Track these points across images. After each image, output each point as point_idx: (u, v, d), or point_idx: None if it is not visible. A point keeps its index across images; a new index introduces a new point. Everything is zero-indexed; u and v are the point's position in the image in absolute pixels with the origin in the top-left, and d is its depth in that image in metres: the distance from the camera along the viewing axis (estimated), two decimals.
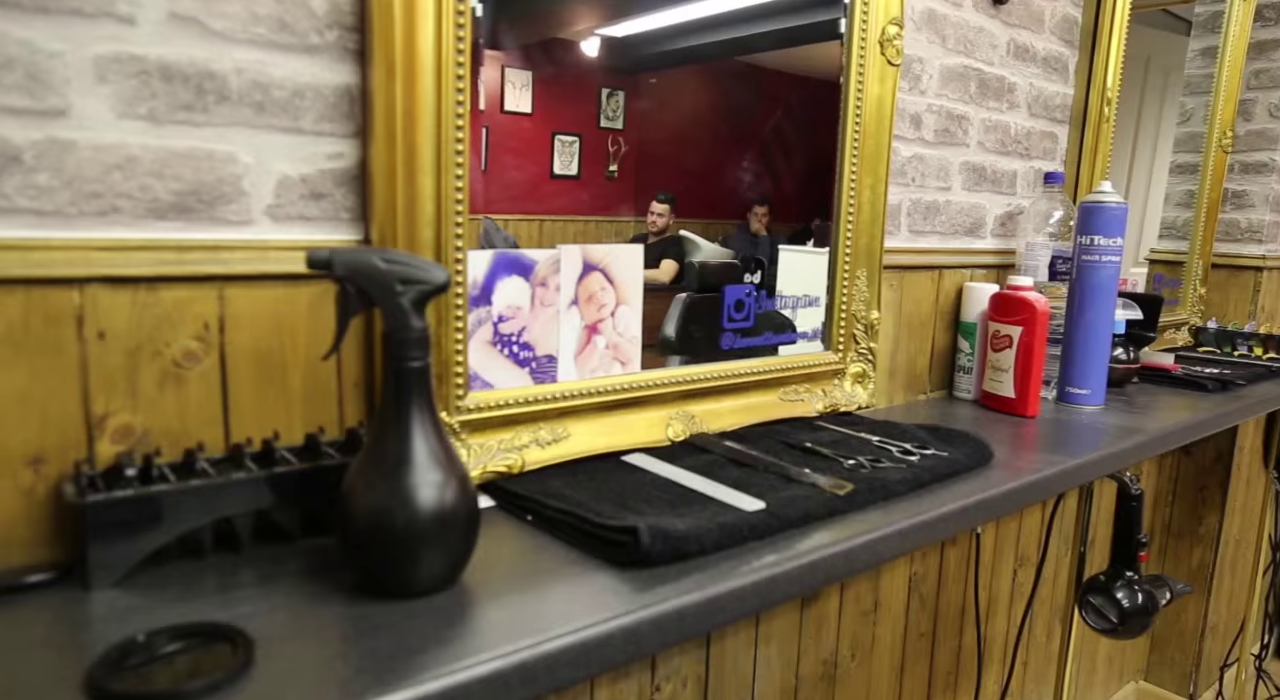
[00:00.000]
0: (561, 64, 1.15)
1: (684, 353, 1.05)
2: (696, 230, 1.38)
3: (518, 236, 1.16)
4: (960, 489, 0.90)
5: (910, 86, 1.24)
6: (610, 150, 1.17)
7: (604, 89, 1.16)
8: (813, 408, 1.11)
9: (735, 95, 1.19)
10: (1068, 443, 1.14)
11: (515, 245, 1.40)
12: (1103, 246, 1.32)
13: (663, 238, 1.26)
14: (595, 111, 1.17)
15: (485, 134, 1.10)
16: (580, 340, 0.88)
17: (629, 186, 1.23)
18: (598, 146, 1.16)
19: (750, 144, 1.11)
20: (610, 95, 1.16)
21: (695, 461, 0.89)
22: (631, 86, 1.15)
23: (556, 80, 1.14)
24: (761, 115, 1.14)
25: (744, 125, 1.10)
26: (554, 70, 1.13)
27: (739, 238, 1.16)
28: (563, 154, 1.15)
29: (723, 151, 1.18)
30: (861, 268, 1.15)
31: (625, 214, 1.27)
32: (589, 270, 0.88)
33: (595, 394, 0.90)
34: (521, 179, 1.15)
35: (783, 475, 0.86)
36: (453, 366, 0.78)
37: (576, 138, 1.15)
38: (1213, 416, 1.36)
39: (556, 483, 0.81)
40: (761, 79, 1.14)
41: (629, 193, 1.24)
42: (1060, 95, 1.53)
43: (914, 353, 1.33)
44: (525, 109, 1.10)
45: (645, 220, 1.26)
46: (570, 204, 1.17)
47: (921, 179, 1.29)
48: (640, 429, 0.94)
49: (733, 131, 1.16)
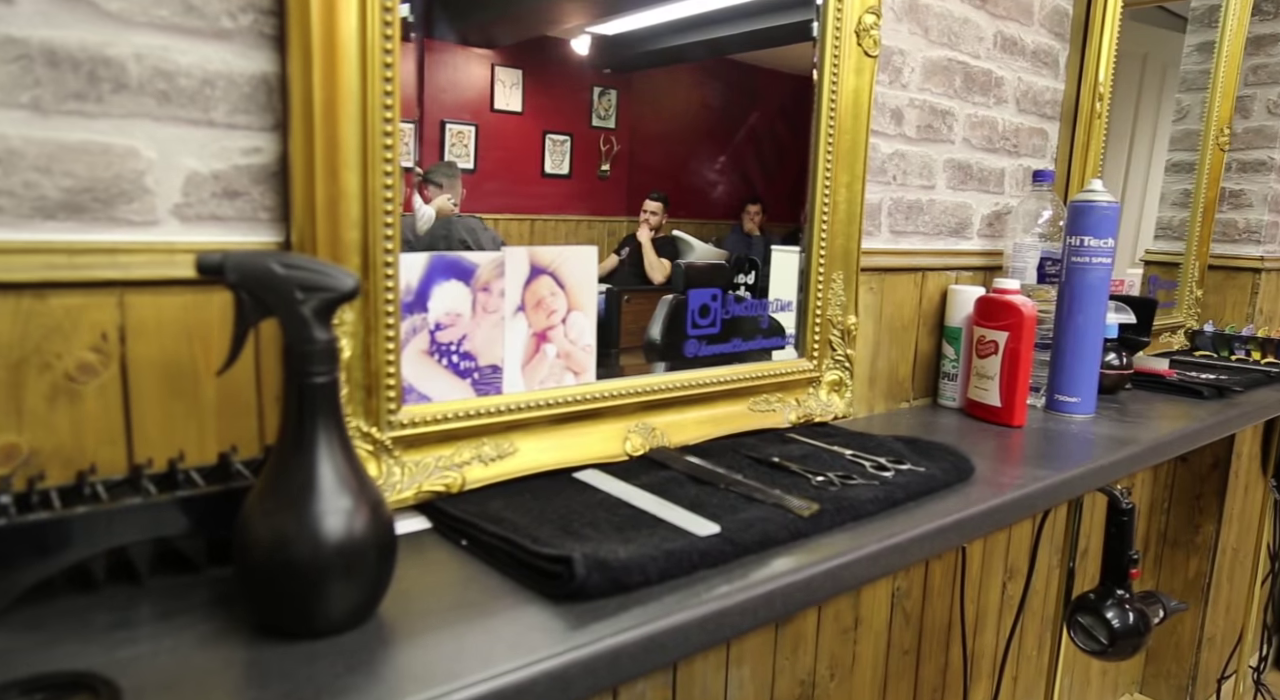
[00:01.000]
0: (552, 62, 1.14)
1: (668, 358, 0.99)
2: (690, 230, 1.34)
3: (507, 236, 1.14)
4: (936, 507, 0.84)
5: (891, 80, 1.18)
6: (602, 149, 1.16)
7: (595, 88, 1.15)
8: (785, 418, 1.05)
9: (729, 94, 1.17)
10: (1055, 455, 1.09)
11: (502, 245, 1.35)
12: (1093, 247, 1.26)
13: (656, 238, 1.25)
14: (587, 110, 1.16)
15: (475, 133, 1.12)
16: (528, 349, 0.83)
17: (621, 186, 1.23)
18: (589, 145, 1.16)
19: (744, 143, 1.07)
20: (602, 94, 1.15)
21: (652, 479, 0.83)
22: (624, 85, 1.13)
23: (547, 79, 1.14)
24: (756, 114, 1.11)
25: (738, 124, 1.08)
26: (544, 69, 1.12)
27: (733, 238, 1.14)
28: (554, 153, 1.15)
29: (716, 150, 1.17)
30: (838, 270, 1.09)
31: (618, 214, 1.28)
32: (537, 274, 0.82)
33: (545, 406, 0.84)
34: (511, 178, 1.15)
35: (744, 494, 0.80)
36: (384, 378, 0.72)
37: (568, 137, 1.14)
38: (1208, 425, 1.30)
39: (497, 503, 0.75)
40: (755, 77, 1.11)
41: (621, 192, 1.24)
42: (1050, 90, 1.48)
43: (895, 359, 1.27)
44: (515, 108, 1.10)
45: (638, 220, 1.27)
46: (561, 203, 1.17)
47: (903, 177, 1.23)
48: (595, 443, 0.88)
49: (727, 130, 1.14)
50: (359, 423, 0.72)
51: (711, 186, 1.21)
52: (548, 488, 0.80)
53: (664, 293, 1.03)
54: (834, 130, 1.04)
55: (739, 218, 1.14)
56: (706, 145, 1.19)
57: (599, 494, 0.79)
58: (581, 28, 1.16)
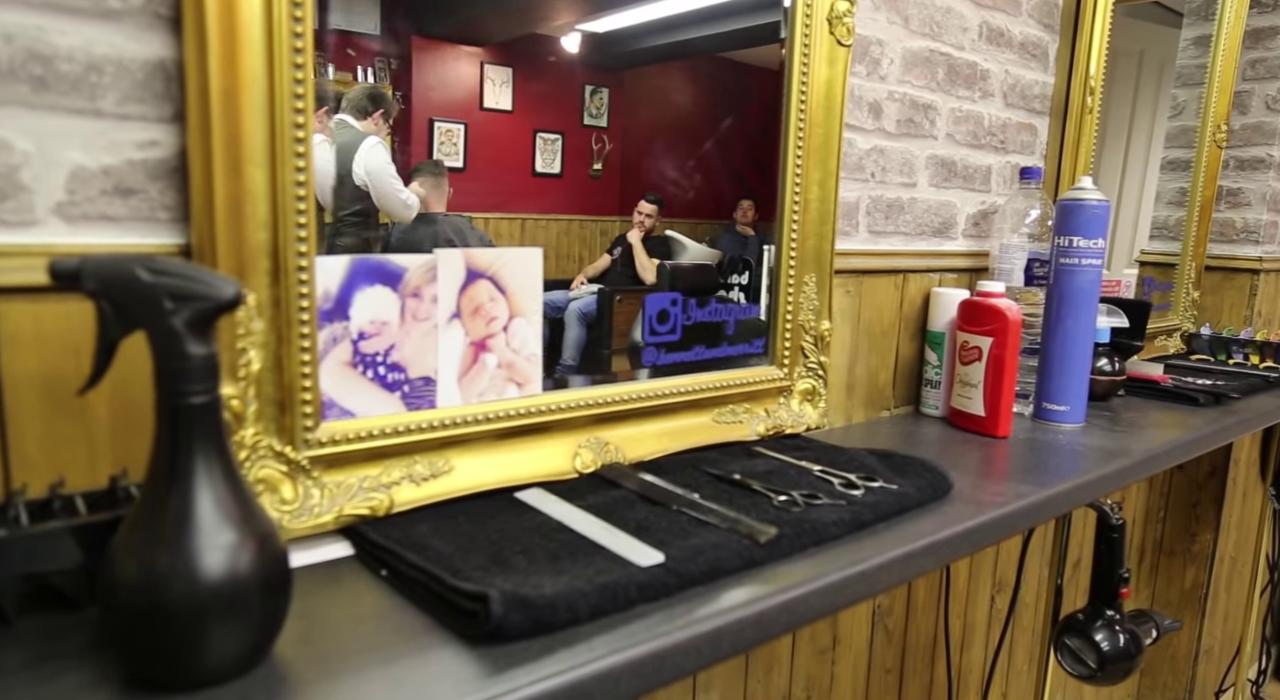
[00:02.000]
0: (542, 60, 1.12)
1: (649, 362, 0.94)
2: (684, 230, 1.30)
3: (497, 236, 1.12)
4: (909, 529, 0.78)
5: (868, 71, 1.12)
6: (594, 148, 1.15)
7: (587, 86, 1.13)
8: (753, 430, 0.99)
9: (722, 92, 1.14)
10: (1041, 468, 1.02)
11: (492, 246, 1.30)
12: (1082, 248, 1.20)
13: (649, 238, 1.22)
14: (578, 109, 1.14)
15: (464, 131, 1.10)
16: (465, 359, 0.76)
17: (613, 185, 1.22)
18: (581, 144, 1.14)
19: (738, 142, 1.03)
20: (594, 92, 1.14)
21: (600, 499, 0.77)
22: (615, 84, 1.12)
23: (537, 77, 1.12)
24: (750, 112, 1.07)
25: (732, 123, 1.05)
26: (534, 66, 1.11)
27: (727, 238, 1.10)
28: (545, 152, 1.14)
29: (710, 150, 1.14)
30: (810, 272, 1.02)
31: (610, 213, 1.26)
32: (474, 278, 0.76)
33: (484, 421, 0.77)
34: (501, 177, 1.13)
35: (697, 517, 0.74)
36: (299, 393, 0.66)
37: (559, 135, 1.13)
38: (1203, 435, 1.24)
39: (425, 528, 0.69)
40: (749, 75, 1.07)
41: (613, 192, 1.23)
42: (1039, 84, 1.41)
43: (875, 366, 1.21)
44: (505, 106, 1.09)
45: (631, 220, 1.24)
46: (553, 203, 1.16)
47: (882, 174, 1.17)
48: (542, 460, 0.82)
49: (720, 129, 1.11)
50: (271, 441, 0.66)
51: (705, 186, 1.19)
52: (485, 510, 0.74)
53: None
54: (804, 124, 0.98)
55: (733, 217, 1.11)
56: (700, 144, 1.17)
57: (539, 516, 0.73)
58: (571, 25, 1.15)
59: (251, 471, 0.65)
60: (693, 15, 1.13)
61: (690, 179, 1.23)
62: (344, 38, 1.24)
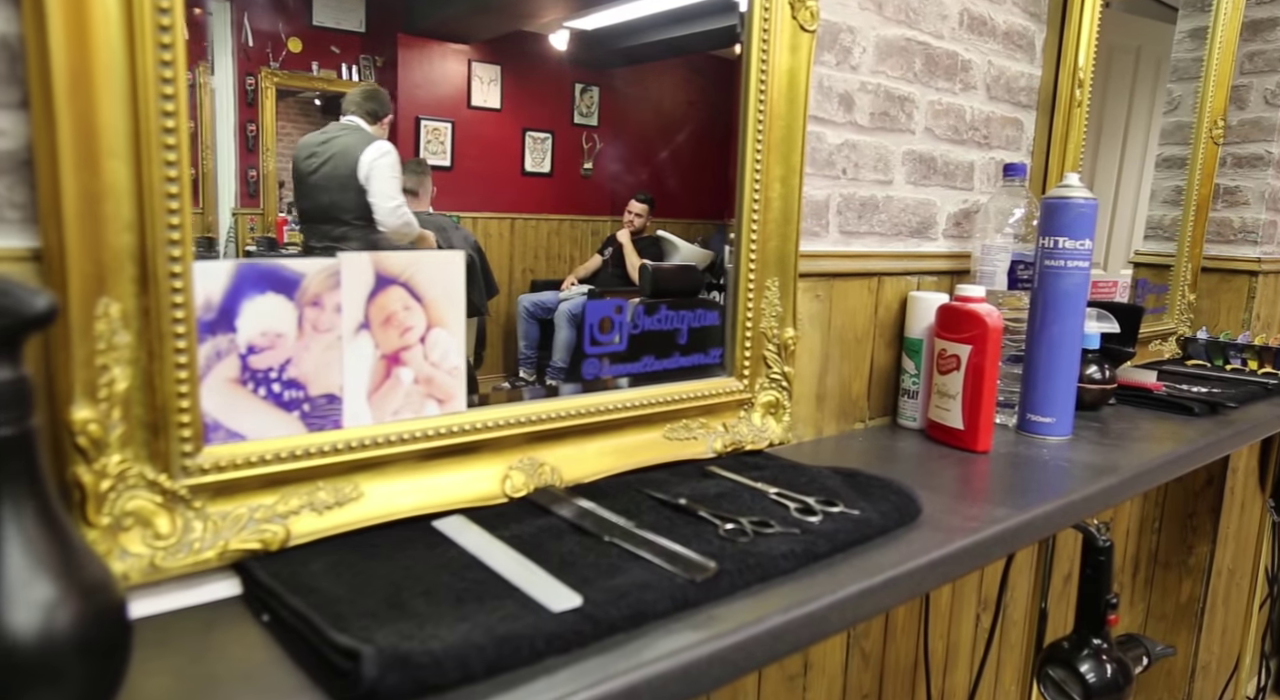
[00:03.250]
0: (530, 58, 1.11)
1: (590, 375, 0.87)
2: (676, 230, 1.26)
3: (486, 236, 1.15)
4: (867, 561, 0.71)
5: (838, 61, 1.05)
6: (584, 147, 1.14)
7: (577, 85, 1.12)
8: (709, 447, 0.92)
9: (714, 90, 1.13)
10: (1021, 487, 0.95)
11: (478, 246, 1.24)
12: (1068, 250, 1.13)
13: (640, 238, 1.23)
14: (568, 107, 1.13)
15: (451, 130, 1.10)
16: (376, 374, 0.69)
17: (604, 185, 1.21)
18: (571, 143, 1.13)
19: (731, 140, 0.96)
20: (584, 91, 1.13)
21: (525, 529, 0.70)
22: (606, 82, 1.11)
23: (526, 75, 1.10)
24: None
25: (725, 122, 0.99)
26: (523, 65, 1.09)
27: (719, 238, 1.08)
28: (534, 151, 1.14)
29: (702, 148, 1.13)
30: (772, 276, 0.95)
31: (601, 213, 1.27)
32: (385, 284, 0.68)
33: (399, 442, 0.70)
34: (490, 176, 1.13)
35: (630, 549, 0.66)
36: (174, 414, 0.59)
37: (549, 134, 1.12)
38: (1198, 448, 1.16)
39: (320, 565, 0.62)
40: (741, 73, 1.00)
41: (604, 191, 1.23)
42: (1025, 76, 1.34)
43: (847, 375, 1.13)
44: (494, 104, 1.09)
45: (622, 220, 1.25)
46: (542, 202, 1.17)
47: (855, 170, 1.10)
48: (466, 484, 0.74)
49: (713, 128, 1.10)
50: (142, 469, 0.58)
51: (697, 185, 1.17)
52: (395, 541, 0.67)
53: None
54: (764, 116, 0.90)
55: (724, 217, 1.05)
56: (692, 143, 1.16)
57: (452, 550, 0.65)
58: (559, 22, 1.12)
59: (118, 504, 0.57)
60: (684, 12, 1.09)
61: (681, 178, 1.20)
62: (328, 35, 1.18)
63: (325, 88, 1.28)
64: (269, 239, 1.43)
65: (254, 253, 1.42)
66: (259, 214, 1.15)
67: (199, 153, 0.94)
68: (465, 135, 1.10)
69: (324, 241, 0.96)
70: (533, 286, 1.18)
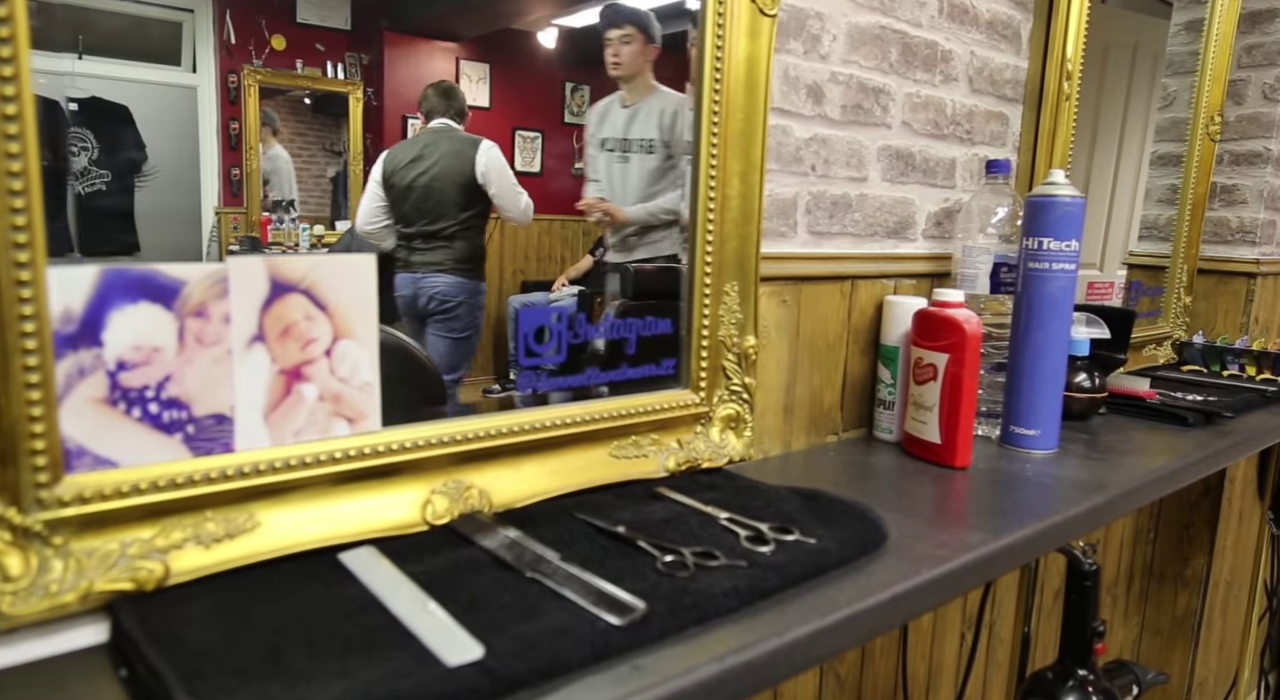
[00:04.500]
0: (520, 56, 1.11)
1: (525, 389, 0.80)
2: None
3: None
4: (821, 598, 0.64)
5: (806, 49, 0.98)
6: (575, 146, 1.13)
7: (568, 83, 1.12)
8: (661, 466, 0.85)
9: None
10: (1001, 509, 0.88)
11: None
12: (1054, 251, 1.06)
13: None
14: (559, 106, 1.14)
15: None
16: (273, 391, 0.62)
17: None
18: (562, 142, 1.13)
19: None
20: (575, 90, 1.13)
21: (441, 562, 0.63)
22: (597, 81, 1.09)
23: (516, 73, 1.09)
24: None
25: None
26: (512, 63, 1.09)
27: None
28: (524, 150, 1.14)
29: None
30: (731, 281, 0.88)
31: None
32: (281, 292, 0.61)
33: (302, 466, 0.63)
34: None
35: (553, 587, 0.59)
36: (25, 440, 0.52)
37: (539, 133, 1.11)
38: (1192, 462, 1.10)
39: (198, 608, 0.55)
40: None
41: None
42: (1010, 68, 1.27)
43: (818, 385, 1.06)
44: (482, 103, 1.09)
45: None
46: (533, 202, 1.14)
47: (825, 167, 1.03)
48: (381, 510, 0.67)
49: None
50: None
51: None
52: (292, 578, 0.60)
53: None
54: (720, 107, 0.84)
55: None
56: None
57: (352, 589, 0.58)
58: (547, 20, 1.11)
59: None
60: (674, 9, 1.06)
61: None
62: (313, 32, 1.15)
63: (310, 86, 1.26)
64: (252, 238, 1.38)
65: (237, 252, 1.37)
66: (242, 213, 1.16)
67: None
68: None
69: (432, 243, 1.02)
70: (523, 287, 1.17)
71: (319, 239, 1.74)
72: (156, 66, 1.29)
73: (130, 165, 1.19)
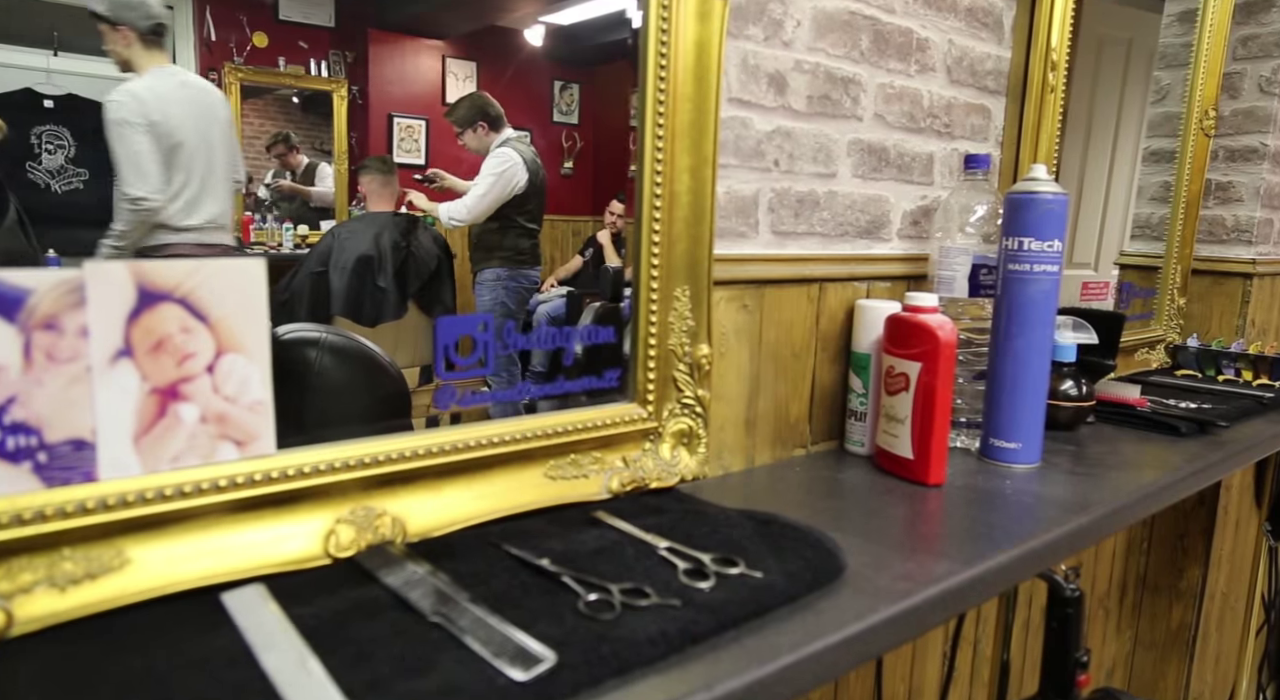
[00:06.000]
0: (507, 54, 1.10)
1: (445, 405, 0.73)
2: None
3: (463, 235, 1.16)
4: (763, 642, 0.57)
5: (767, 35, 0.91)
6: (564, 146, 1.15)
7: (556, 82, 1.13)
8: (603, 487, 0.78)
9: None
10: (975, 531, 0.81)
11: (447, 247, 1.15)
12: (1035, 252, 0.99)
13: (622, 240, 1.22)
14: (547, 105, 1.14)
15: (425, 127, 1.09)
16: (144, 413, 0.55)
17: (586, 185, 1.20)
18: (551, 142, 1.14)
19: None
20: (563, 88, 1.14)
21: (334, 604, 0.56)
22: (587, 79, 1.11)
23: (503, 72, 1.10)
24: None
25: None
26: (500, 61, 1.09)
27: None
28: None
29: None
30: (681, 285, 0.81)
31: (583, 213, 1.26)
32: (152, 301, 0.54)
33: (181, 495, 0.56)
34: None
35: (455, 633, 0.52)
36: None
37: (526, 133, 1.11)
38: (1182, 477, 1.03)
39: (33, 666, 0.48)
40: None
41: (586, 191, 1.21)
42: (992, 58, 1.20)
43: (783, 396, 0.99)
44: None
45: (603, 220, 1.25)
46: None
47: (789, 162, 0.96)
48: (278, 543, 0.60)
49: None
50: None
51: None
52: (159, 625, 0.53)
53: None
54: (666, 96, 0.77)
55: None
56: None
57: (224, 638, 0.52)
58: (534, 17, 1.10)
59: None
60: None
61: None
62: (296, 29, 1.12)
63: (293, 84, 1.27)
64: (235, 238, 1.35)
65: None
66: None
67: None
68: (441, 133, 1.10)
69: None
70: None
71: (303, 239, 1.68)
72: None
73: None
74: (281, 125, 1.30)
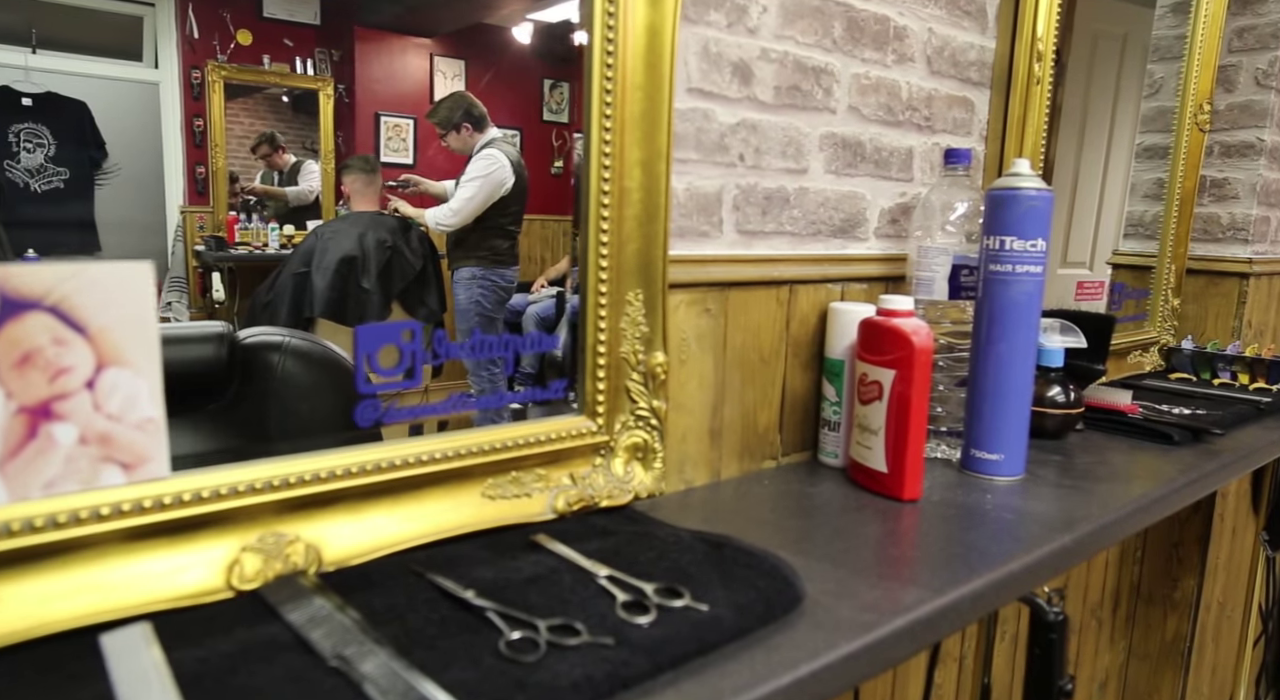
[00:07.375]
0: (496, 52, 1.09)
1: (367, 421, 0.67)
2: None
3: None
4: (703, 686, 0.51)
5: (730, 21, 0.85)
6: (555, 145, 1.14)
7: (546, 80, 1.12)
8: (548, 506, 0.72)
9: None
10: (949, 553, 0.76)
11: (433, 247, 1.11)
12: (1017, 252, 0.93)
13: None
14: (537, 104, 1.13)
15: (413, 126, 1.10)
16: (11, 435, 0.49)
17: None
18: (540, 141, 1.13)
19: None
20: (553, 87, 1.13)
21: (225, 646, 0.50)
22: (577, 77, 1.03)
23: (492, 70, 1.10)
24: None
25: None
26: (488, 59, 1.08)
27: None
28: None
29: None
30: (634, 288, 0.76)
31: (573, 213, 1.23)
32: (16, 310, 0.49)
33: (55, 526, 0.51)
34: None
35: (357, 680, 0.47)
36: None
37: (517, 131, 1.10)
38: (1175, 489, 0.97)
39: None
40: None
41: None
42: (975, 48, 1.15)
43: (751, 404, 0.94)
44: None
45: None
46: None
47: (756, 156, 0.90)
48: (173, 575, 0.55)
49: None
50: None
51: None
52: (22, 673, 0.47)
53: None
54: (614, 85, 0.71)
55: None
56: None
57: (89, 689, 0.46)
58: (521, 14, 1.08)
59: None
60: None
61: None
62: (281, 27, 1.09)
63: (278, 82, 1.26)
64: (218, 238, 1.34)
65: (203, 252, 1.27)
66: (209, 212, 1.20)
67: None
68: (429, 132, 1.09)
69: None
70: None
71: (289, 239, 1.63)
72: (116, 62, 1.24)
73: (90, 162, 1.12)
74: (271, 125, 1.30)
